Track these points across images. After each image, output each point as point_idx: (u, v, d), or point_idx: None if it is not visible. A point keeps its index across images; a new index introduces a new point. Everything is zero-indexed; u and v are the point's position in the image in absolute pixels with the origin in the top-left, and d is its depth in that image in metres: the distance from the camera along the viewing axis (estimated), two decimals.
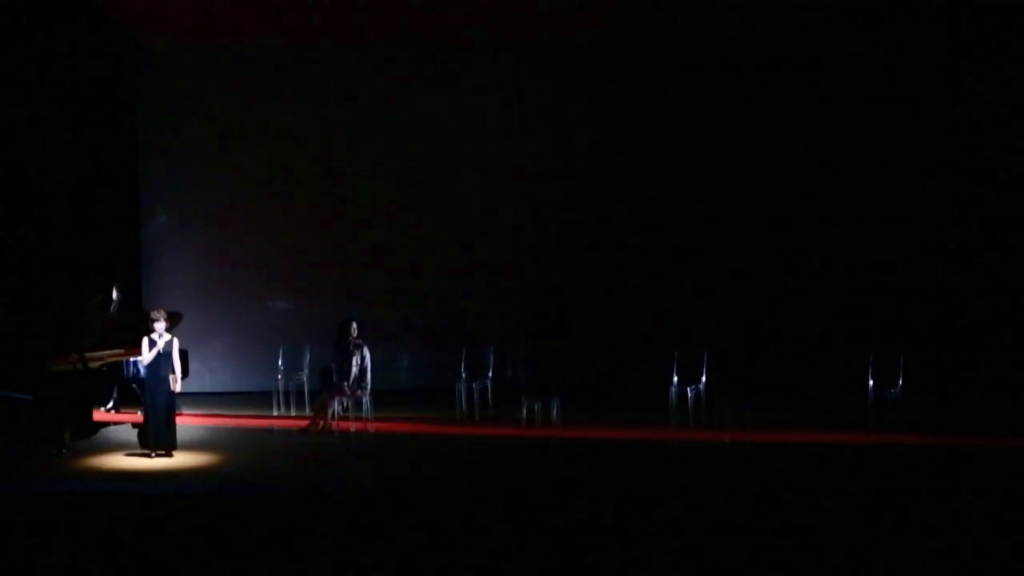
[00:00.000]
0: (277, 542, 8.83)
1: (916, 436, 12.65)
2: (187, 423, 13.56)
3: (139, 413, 12.57)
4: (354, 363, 13.29)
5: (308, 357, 14.80)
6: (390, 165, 16.59)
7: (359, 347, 13.37)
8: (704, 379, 13.43)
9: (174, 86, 16.46)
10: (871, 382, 13.08)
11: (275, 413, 14.53)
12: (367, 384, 13.35)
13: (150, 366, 12.07)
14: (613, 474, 11.27)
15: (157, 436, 12.03)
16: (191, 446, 12.55)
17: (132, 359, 12.65)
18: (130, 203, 16.63)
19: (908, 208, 16.30)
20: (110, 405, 13.63)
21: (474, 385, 14.23)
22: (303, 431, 13.39)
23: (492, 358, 14.39)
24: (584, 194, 16.62)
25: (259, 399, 15.07)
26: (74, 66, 15.74)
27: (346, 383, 13.27)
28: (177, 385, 12.15)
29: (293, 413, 14.44)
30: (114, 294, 13.28)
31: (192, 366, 13.60)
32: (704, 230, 16.56)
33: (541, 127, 16.58)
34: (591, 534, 9.02)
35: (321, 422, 13.37)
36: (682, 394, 13.38)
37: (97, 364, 12.59)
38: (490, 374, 14.33)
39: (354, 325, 13.43)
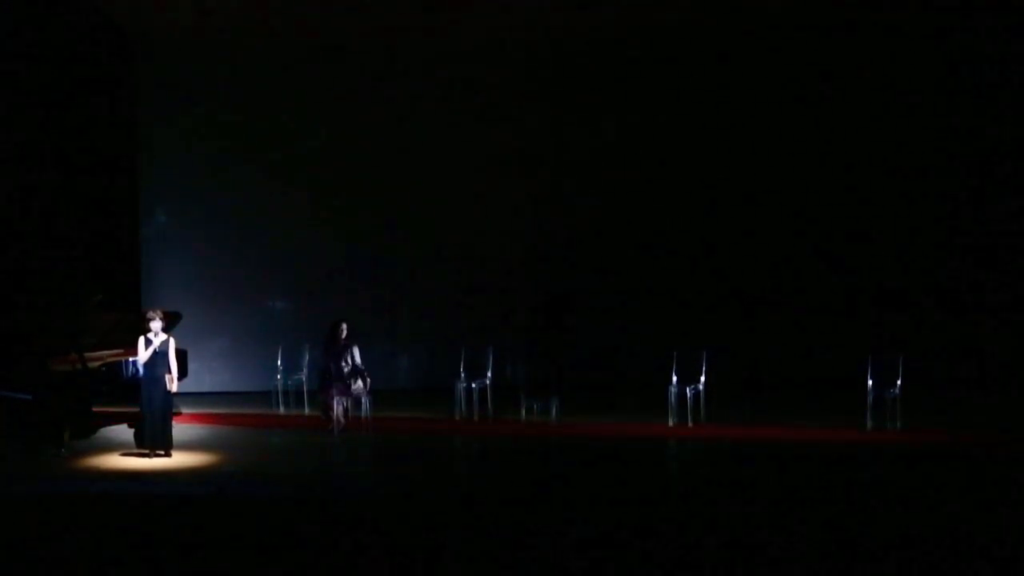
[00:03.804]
0: (277, 542, 8.83)
1: (916, 436, 12.66)
2: (186, 423, 13.55)
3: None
4: (344, 363, 13.32)
5: (307, 357, 14.82)
6: (391, 164, 16.57)
7: (348, 348, 13.40)
8: (704, 379, 13.44)
9: (173, 84, 16.44)
10: (871, 382, 13.08)
11: (274, 412, 14.53)
12: (367, 380, 13.36)
13: (146, 366, 12.06)
14: (611, 474, 11.26)
15: (153, 436, 12.02)
16: (190, 446, 12.54)
17: (131, 359, 12.64)
18: (130, 203, 16.62)
19: (908, 208, 16.29)
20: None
21: (474, 385, 14.23)
22: (327, 430, 13.32)
23: (492, 358, 14.38)
24: (584, 194, 16.61)
25: (259, 399, 15.09)
26: (74, 64, 15.72)
27: (341, 383, 13.29)
28: (173, 385, 12.14)
29: (293, 413, 14.44)
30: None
31: (192, 366, 13.57)
32: (704, 230, 16.55)
33: (541, 127, 16.56)
34: (590, 534, 9.01)
35: (335, 417, 13.33)
36: (682, 394, 13.39)
37: (97, 364, 12.58)
38: (490, 374, 14.31)
39: (344, 326, 13.45)
